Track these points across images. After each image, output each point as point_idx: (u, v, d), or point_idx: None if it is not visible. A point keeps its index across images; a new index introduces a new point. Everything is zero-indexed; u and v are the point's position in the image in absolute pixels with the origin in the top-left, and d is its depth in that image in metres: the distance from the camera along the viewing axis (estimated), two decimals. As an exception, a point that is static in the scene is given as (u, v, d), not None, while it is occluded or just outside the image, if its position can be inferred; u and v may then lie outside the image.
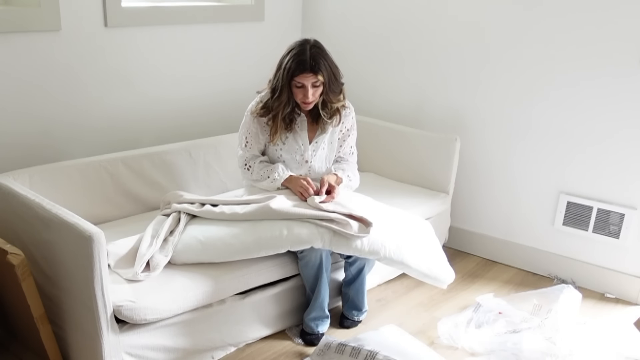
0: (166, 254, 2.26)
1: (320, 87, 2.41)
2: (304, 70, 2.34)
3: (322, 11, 3.61)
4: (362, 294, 2.60)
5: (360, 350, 2.20)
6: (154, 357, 2.16)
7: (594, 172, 2.91)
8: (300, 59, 2.34)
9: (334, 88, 2.44)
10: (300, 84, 2.38)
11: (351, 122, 2.65)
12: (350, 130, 2.66)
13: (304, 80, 2.36)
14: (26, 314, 2.08)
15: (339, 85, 2.47)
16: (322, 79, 2.36)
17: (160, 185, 2.79)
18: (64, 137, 2.76)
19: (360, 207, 2.43)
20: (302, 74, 2.35)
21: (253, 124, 2.52)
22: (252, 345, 2.46)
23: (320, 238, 2.29)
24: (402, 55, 3.38)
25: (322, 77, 2.36)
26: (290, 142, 2.54)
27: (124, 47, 2.87)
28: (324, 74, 2.36)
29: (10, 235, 2.21)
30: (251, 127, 2.52)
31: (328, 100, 2.47)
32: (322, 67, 2.35)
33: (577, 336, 2.47)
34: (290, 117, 2.49)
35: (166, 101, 3.12)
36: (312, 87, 2.38)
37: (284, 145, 2.53)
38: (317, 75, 2.35)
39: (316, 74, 2.35)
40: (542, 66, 2.93)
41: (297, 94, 2.41)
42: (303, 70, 2.34)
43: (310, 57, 2.34)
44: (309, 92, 2.38)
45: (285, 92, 2.40)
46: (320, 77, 2.36)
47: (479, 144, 3.22)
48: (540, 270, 3.16)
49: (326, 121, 2.53)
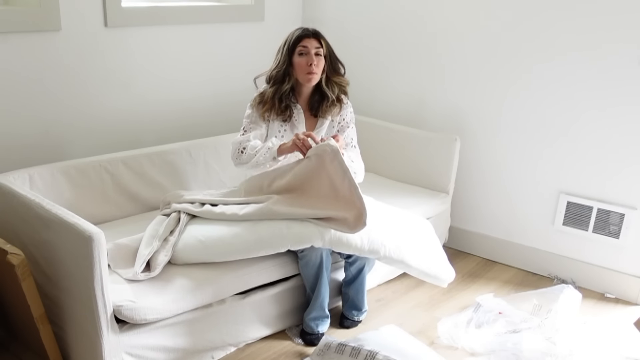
0: (166, 254, 2.26)
1: (322, 59, 2.51)
2: (306, 34, 2.50)
3: (322, 11, 3.61)
4: (362, 293, 2.60)
5: (360, 350, 2.21)
6: (154, 357, 2.16)
7: (594, 172, 2.91)
8: (302, 28, 2.53)
9: (336, 66, 2.58)
10: (305, 50, 2.48)
11: (350, 115, 2.66)
12: (350, 123, 2.66)
13: (307, 44, 2.48)
14: (26, 314, 2.08)
15: (339, 65, 2.59)
16: (323, 46, 2.51)
17: (160, 185, 2.79)
18: (64, 137, 2.76)
19: None
20: (306, 38, 2.49)
21: (253, 113, 2.58)
22: (252, 345, 2.46)
23: (320, 237, 2.29)
24: (402, 55, 3.38)
25: (323, 44, 2.51)
26: (288, 135, 2.56)
27: (124, 47, 2.87)
28: (324, 44, 2.51)
29: (10, 235, 2.21)
30: (251, 116, 2.58)
31: (331, 75, 2.55)
32: (322, 38, 2.52)
33: (577, 336, 2.47)
34: (286, 102, 2.53)
35: (166, 101, 3.12)
36: (316, 55, 2.49)
37: (282, 139, 2.54)
38: (320, 40, 2.50)
39: (319, 40, 2.50)
40: (542, 66, 2.93)
41: (301, 64, 2.49)
42: (305, 35, 2.49)
43: (311, 29, 2.53)
44: (313, 57, 2.47)
45: (285, 65, 2.51)
46: (322, 43, 2.50)
47: (479, 144, 3.22)
48: (540, 270, 3.16)
49: (325, 109, 2.57)
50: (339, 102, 2.59)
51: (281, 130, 2.56)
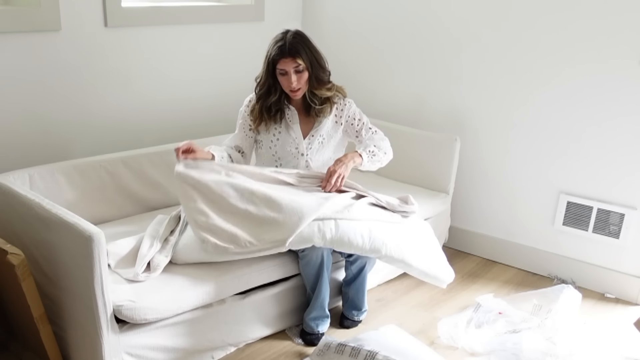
0: (167, 255, 2.27)
1: (305, 72, 2.44)
2: (282, 55, 2.40)
3: (322, 11, 3.62)
4: (362, 293, 2.60)
5: (360, 350, 2.20)
6: (154, 357, 2.16)
7: (594, 172, 2.91)
8: (279, 45, 2.41)
9: (319, 75, 2.49)
10: (283, 71, 2.43)
11: (354, 110, 2.64)
12: (360, 120, 2.64)
13: (285, 66, 2.41)
14: (26, 314, 2.08)
15: (324, 73, 2.51)
16: (302, 63, 2.41)
17: (160, 185, 2.79)
18: (64, 137, 2.76)
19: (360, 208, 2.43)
20: (282, 59, 2.40)
21: (242, 117, 2.60)
22: (252, 345, 2.46)
23: (321, 236, 2.29)
24: (403, 55, 3.38)
25: (302, 61, 2.40)
26: (284, 136, 2.56)
27: (124, 47, 2.87)
28: (304, 58, 2.41)
29: (10, 235, 2.21)
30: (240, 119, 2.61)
31: (313, 88, 2.50)
32: (301, 51, 2.41)
33: (577, 336, 2.47)
34: (277, 108, 2.53)
35: (166, 101, 3.12)
36: (295, 72, 2.43)
37: (277, 141, 2.55)
38: (296, 59, 2.39)
39: (295, 58, 2.39)
40: (542, 66, 2.93)
41: (283, 83, 2.47)
42: (282, 56, 2.40)
43: (288, 43, 2.39)
44: (292, 77, 2.42)
45: (268, 80, 2.47)
46: (299, 62, 2.40)
47: (479, 144, 3.22)
48: (540, 270, 3.16)
49: (318, 110, 2.54)
50: (328, 102, 2.57)
51: (276, 133, 2.56)
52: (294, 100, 2.57)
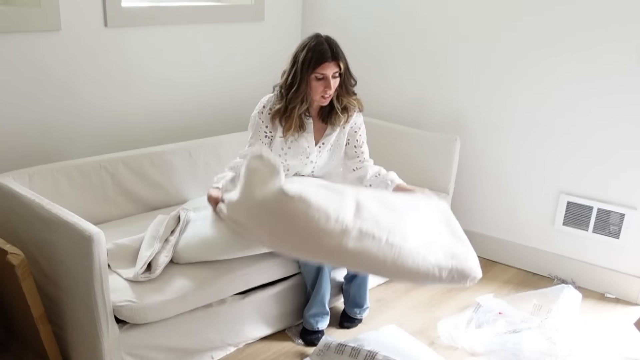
0: (167, 255, 2.26)
1: (338, 79, 2.36)
2: (325, 59, 2.29)
3: (322, 11, 3.61)
4: (364, 289, 2.60)
5: (360, 350, 2.21)
6: (154, 357, 2.16)
7: (594, 172, 2.91)
8: (321, 49, 2.30)
9: (349, 83, 2.42)
10: (321, 76, 2.31)
11: (361, 122, 2.58)
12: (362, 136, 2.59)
13: (325, 71, 2.30)
14: (26, 314, 2.08)
15: (352, 79, 2.44)
16: (342, 67, 2.33)
17: (160, 185, 2.79)
18: (64, 137, 2.76)
19: None
20: (324, 63, 2.29)
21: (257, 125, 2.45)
22: (252, 345, 2.46)
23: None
24: (403, 56, 3.38)
25: (342, 65, 2.33)
26: (297, 144, 2.47)
27: (124, 47, 2.87)
28: (343, 63, 2.34)
29: (10, 235, 2.21)
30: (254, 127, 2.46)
31: (342, 95, 2.42)
32: (341, 55, 2.34)
33: (577, 336, 2.47)
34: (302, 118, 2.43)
35: (166, 101, 3.12)
36: (332, 77, 2.33)
37: (289, 150, 2.47)
38: (339, 62, 2.31)
39: (338, 62, 2.31)
40: (542, 67, 2.93)
41: (317, 88, 2.34)
42: (325, 60, 2.29)
43: (329, 46, 2.31)
44: (330, 82, 2.32)
45: (302, 87, 2.33)
46: (341, 65, 2.32)
47: (479, 144, 3.21)
48: (540, 270, 3.16)
49: (339, 116, 2.44)
50: (346, 111, 2.48)
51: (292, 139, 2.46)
52: (312, 108, 2.46)
